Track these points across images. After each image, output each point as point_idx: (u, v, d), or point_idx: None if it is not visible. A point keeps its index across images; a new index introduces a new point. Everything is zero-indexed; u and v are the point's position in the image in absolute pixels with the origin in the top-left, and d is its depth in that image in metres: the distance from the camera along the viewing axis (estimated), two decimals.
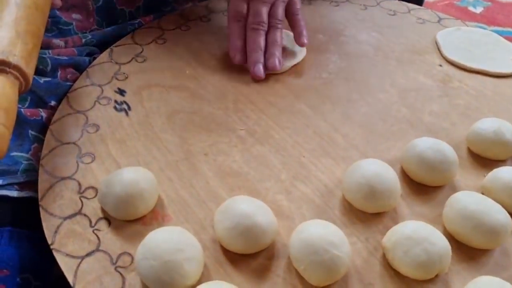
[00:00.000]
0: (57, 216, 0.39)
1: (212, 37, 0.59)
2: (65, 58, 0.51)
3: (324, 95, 0.52)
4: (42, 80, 0.49)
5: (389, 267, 0.37)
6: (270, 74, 0.54)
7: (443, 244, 0.36)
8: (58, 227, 0.38)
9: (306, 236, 0.35)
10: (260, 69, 0.52)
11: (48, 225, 0.38)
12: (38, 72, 0.50)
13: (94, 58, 0.54)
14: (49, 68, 0.50)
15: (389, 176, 0.40)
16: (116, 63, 0.54)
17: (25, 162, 0.43)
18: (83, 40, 0.54)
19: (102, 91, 0.50)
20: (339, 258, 0.34)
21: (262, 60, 0.53)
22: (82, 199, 0.40)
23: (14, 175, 0.41)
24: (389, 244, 0.36)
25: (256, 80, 0.53)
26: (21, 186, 0.41)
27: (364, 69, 0.57)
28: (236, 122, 0.48)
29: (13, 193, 0.40)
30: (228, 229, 0.36)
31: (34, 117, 0.46)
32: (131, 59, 0.54)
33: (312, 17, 0.64)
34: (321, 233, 0.35)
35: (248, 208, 0.37)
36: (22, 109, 0.45)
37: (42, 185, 0.41)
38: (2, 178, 0.41)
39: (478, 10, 0.89)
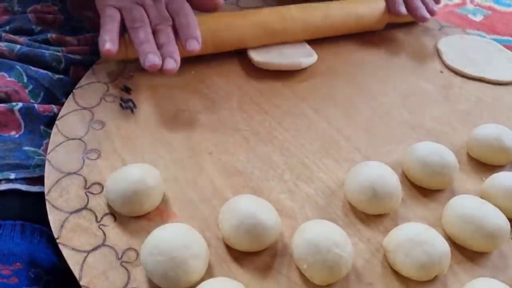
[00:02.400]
0: (63, 211, 0.39)
1: None
2: (78, 57, 0.52)
3: (327, 98, 0.53)
4: (56, 77, 0.49)
5: (389, 268, 0.38)
6: (276, 76, 0.55)
7: (443, 246, 0.36)
8: (64, 221, 0.38)
9: (309, 235, 0.36)
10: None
11: (54, 219, 0.38)
12: (52, 69, 0.50)
13: None
14: (62, 66, 0.51)
15: (391, 179, 0.41)
16: (123, 61, 0.54)
17: (37, 157, 0.43)
18: (95, 39, 0.55)
19: (108, 88, 0.51)
20: (342, 257, 0.35)
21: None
22: (88, 194, 0.40)
23: (26, 170, 0.42)
24: (390, 245, 0.37)
25: (260, 81, 0.54)
26: (32, 180, 0.41)
27: (367, 74, 0.58)
28: (241, 122, 0.49)
29: (25, 188, 0.41)
30: (233, 227, 0.36)
31: (47, 112, 0.46)
32: (138, 58, 0.55)
33: None
34: (324, 233, 0.36)
35: (253, 207, 0.37)
36: (35, 105, 0.46)
37: (48, 180, 0.41)
38: (14, 172, 0.41)
39: (478, 18, 0.90)
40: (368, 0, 0.62)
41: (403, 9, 0.60)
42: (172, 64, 0.46)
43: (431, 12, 0.62)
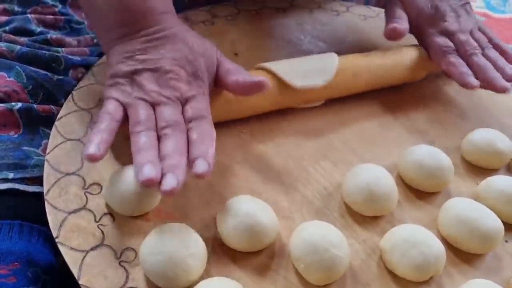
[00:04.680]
0: (62, 210, 0.39)
1: (215, 40, 0.60)
2: (78, 58, 0.52)
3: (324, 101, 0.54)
4: (55, 77, 0.50)
5: (385, 269, 0.38)
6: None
7: (438, 247, 0.37)
8: (63, 221, 0.38)
9: (306, 236, 0.36)
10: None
11: (53, 219, 0.38)
12: (52, 69, 0.50)
13: None
14: (62, 67, 0.51)
15: (388, 181, 0.41)
16: None
17: (36, 157, 0.43)
18: (95, 40, 0.55)
19: None
20: (339, 258, 0.35)
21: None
22: (87, 194, 0.41)
23: (25, 170, 0.42)
24: (386, 246, 0.38)
25: None
26: (31, 180, 0.42)
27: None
28: (238, 124, 0.49)
29: (23, 187, 0.41)
30: (231, 227, 0.37)
31: (46, 113, 0.47)
32: None
33: (313, 25, 0.65)
34: (321, 233, 0.36)
35: (251, 208, 0.38)
36: (34, 105, 0.46)
37: (47, 180, 0.41)
38: (13, 172, 0.41)
39: None
40: (407, 51, 0.55)
41: (475, 82, 0.49)
42: (171, 182, 0.34)
43: (510, 78, 0.50)
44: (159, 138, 0.38)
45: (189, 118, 0.40)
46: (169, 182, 0.34)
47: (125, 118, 0.40)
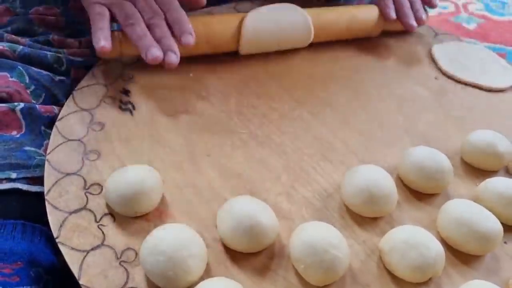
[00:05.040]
0: (62, 210, 0.39)
1: None
2: (79, 59, 0.52)
3: (324, 102, 0.54)
4: (57, 78, 0.50)
5: (385, 269, 0.38)
6: (273, 79, 0.55)
7: (438, 248, 0.37)
8: (63, 221, 0.38)
9: (306, 236, 0.36)
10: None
11: (53, 219, 0.38)
12: (53, 70, 0.50)
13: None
14: (63, 67, 0.51)
15: (387, 183, 0.41)
16: (122, 63, 0.55)
17: (38, 157, 0.43)
18: None
19: (108, 90, 0.51)
20: (338, 258, 0.35)
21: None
22: (87, 194, 0.41)
23: (27, 170, 0.42)
24: (386, 247, 0.38)
25: (258, 84, 0.54)
26: (33, 180, 0.42)
27: (363, 79, 0.58)
28: (238, 125, 0.49)
29: (26, 187, 0.41)
30: (231, 227, 0.37)
31: (48, 113, 0.47)
32: (137, 61, 0.55)
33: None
34: (321, 234, 0.37)
35: (251, 208, 0.38)
36: (37, 105, 0.46)
37: (48, 180, 0.41)
38: (15, 171, 0.41)
39: (472, 26, 0.91)
40: (362, 7, 0.64)
41: (393, 14, 0.62)
42: (174, 57, 0.48)
43: (419, 21, 0.64)
44: (147, 28, 0.49)
45: (165, 6, 0.50)
46: (171, 58, 0.48)
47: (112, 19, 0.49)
